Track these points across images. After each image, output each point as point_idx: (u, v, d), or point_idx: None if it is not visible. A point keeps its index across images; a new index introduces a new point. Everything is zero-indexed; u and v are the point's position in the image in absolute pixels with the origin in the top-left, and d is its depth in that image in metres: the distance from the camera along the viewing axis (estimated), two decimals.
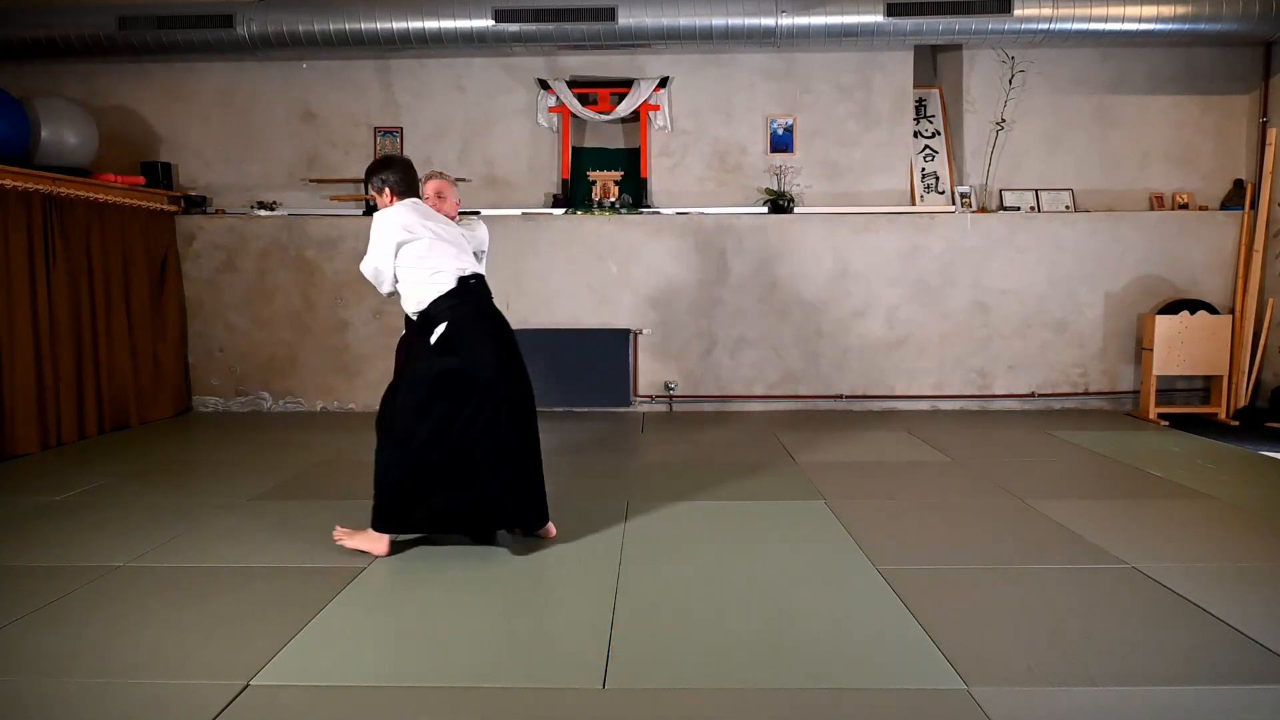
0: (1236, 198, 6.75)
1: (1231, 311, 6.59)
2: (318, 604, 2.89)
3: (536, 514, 3.45)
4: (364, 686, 2.35)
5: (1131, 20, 6.13)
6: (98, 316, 5.92)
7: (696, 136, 6.94)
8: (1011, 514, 3.96)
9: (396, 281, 3.40)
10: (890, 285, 6.77)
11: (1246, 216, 6.65)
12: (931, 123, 7.19)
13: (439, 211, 3.66)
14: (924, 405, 6.87)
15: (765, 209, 6.78)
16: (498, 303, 3.58)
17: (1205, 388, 6.77)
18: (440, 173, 3.98)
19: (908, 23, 6.20)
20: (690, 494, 4.33)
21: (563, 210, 6.77)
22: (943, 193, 7.05)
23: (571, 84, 6.80)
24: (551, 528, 3.52)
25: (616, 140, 7.05)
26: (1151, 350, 6.35)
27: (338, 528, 3.50)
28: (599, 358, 6.67)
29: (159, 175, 6.68)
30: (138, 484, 4.57)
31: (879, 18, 6.18)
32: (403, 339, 3.89)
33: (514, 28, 6.28)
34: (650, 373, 6.85)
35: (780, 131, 6.92)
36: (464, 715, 2.21)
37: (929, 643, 2.58)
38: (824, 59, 6.87)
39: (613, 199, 6.85)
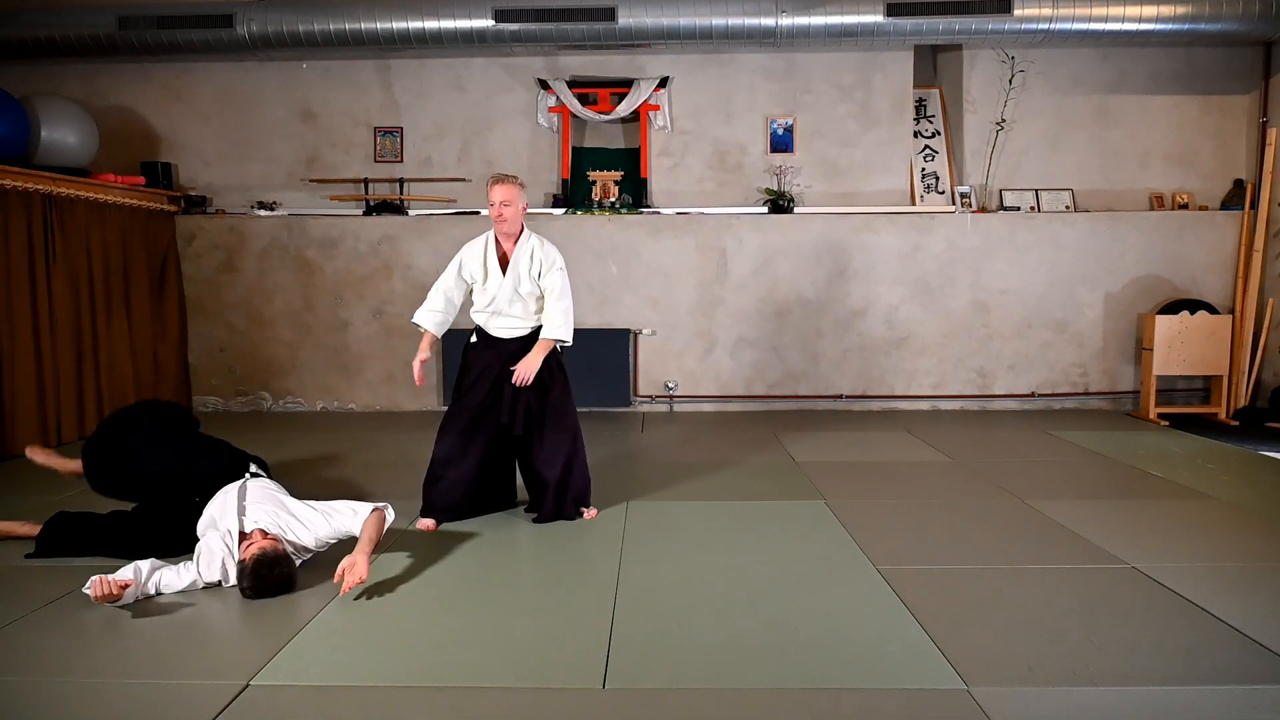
0: (1236, 198, 6.75)
1: (1231, 311, 6.59)
2: (317, 604, 2.89)
3: None
4: (364, 686, 2.35)
5: (1131, 20, 6.13)
6: (98, 316, 5.92)
7: (696, 136, 6.94)
8: (1011, 514, 3.96)
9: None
10: (890, 285, 6.77)
11: (1246, 216, 6.65)
12: (931, 123, 7.19)
13: (502, 221, 3.71)
14: (924, 405, 6.87)
15: (765, 209, 6.78)
16: None
17: (1205, 388, 6.77)
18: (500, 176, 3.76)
19: (908, 23, 6.20)
20: (690, 494, 4.33)
21: (563, 210, 6.77)
22: (943, 193, 7.05)
23: (571, 84, 6.80)
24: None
25: (616, 140, 7.05)
26: (1151, 350, 6.35)
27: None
28: (599, 358, 6.67)
29: (159, 175, 6.68)
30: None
31: (879, 18, 6.18)
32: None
33: (514, 27, 6.28)
34: (650, 373, 6.85)
35: (780, 131, 6.92)
36: (464, 715, 2.21)
37: (929, 643, 2.58)
38: (824, 59, 6.86)
39: (613, 199, 6.85)
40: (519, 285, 3.76)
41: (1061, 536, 3.61)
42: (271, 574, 2.93)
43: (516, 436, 3.82)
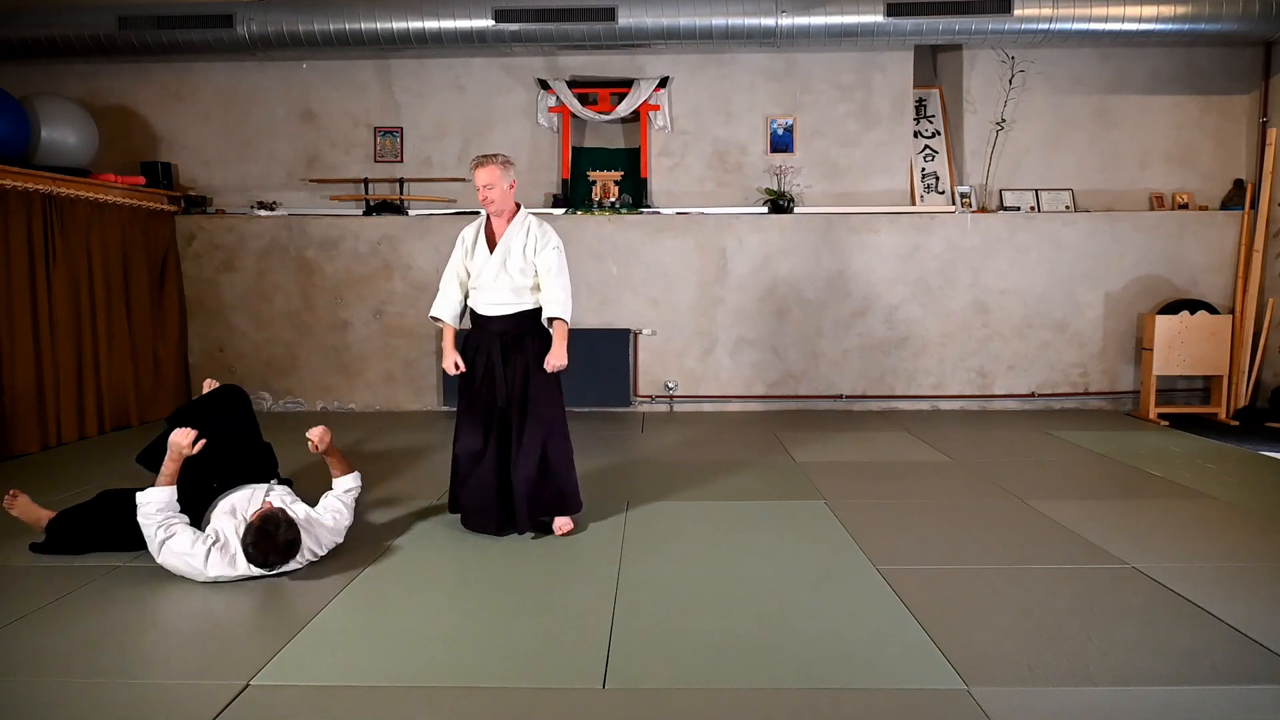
0: (1236, 198, 6.75)
1: (1231, 311, 6.59)
2: (318, 604, 2.89)
3: None
4: (364, 686, 2.35)
5: (1131, 20, 6.13)
6: (98, 316, 5.92)
7: (696, 136, 6.94)
8: (1011, 514, 3.96)
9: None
10: (890, 285, 6.77)
11: (1246, 216, 6.65)
12: (931, 123, 7.19)
13: (488, 204, 3.64)
14: (924, 405, 6.87)
15: (765, 209, 6.78)
16: None
17: (1205, 388, 6.77)
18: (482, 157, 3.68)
19: (908, 23, 6.20)
20: (690, 494, 4.33)
21: (563, 210, 6.77)
22: (943, 193, 7.05)
23: (571, 84, 6.80)
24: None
25: (616, 140, 7.05)
26: (1151, 350, 6.35)
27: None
28: (599, 358, 6.67)
29: (159, 175, 6.68)
30: (137, 484, 4.56)
31: (879, 18, 6.18)
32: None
33: (514, 28, 6.28)
34: (650, 373, 6.85)
35: (780, 131, 6.92)
36: (464, 715, 2.21)
37: (929, 643, 2.58)
38: (824, 59, 6.86)
39: (613, 199, 6.85)
40: (507, 260, 3.67)
41: (1061, 536, 3.61)
42: (277, 532, 2.95)
43: (502, 409, 3.67)
